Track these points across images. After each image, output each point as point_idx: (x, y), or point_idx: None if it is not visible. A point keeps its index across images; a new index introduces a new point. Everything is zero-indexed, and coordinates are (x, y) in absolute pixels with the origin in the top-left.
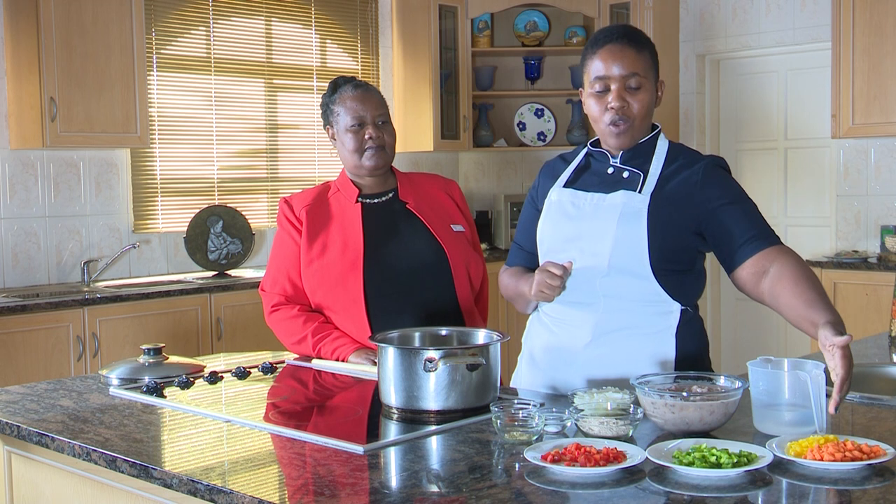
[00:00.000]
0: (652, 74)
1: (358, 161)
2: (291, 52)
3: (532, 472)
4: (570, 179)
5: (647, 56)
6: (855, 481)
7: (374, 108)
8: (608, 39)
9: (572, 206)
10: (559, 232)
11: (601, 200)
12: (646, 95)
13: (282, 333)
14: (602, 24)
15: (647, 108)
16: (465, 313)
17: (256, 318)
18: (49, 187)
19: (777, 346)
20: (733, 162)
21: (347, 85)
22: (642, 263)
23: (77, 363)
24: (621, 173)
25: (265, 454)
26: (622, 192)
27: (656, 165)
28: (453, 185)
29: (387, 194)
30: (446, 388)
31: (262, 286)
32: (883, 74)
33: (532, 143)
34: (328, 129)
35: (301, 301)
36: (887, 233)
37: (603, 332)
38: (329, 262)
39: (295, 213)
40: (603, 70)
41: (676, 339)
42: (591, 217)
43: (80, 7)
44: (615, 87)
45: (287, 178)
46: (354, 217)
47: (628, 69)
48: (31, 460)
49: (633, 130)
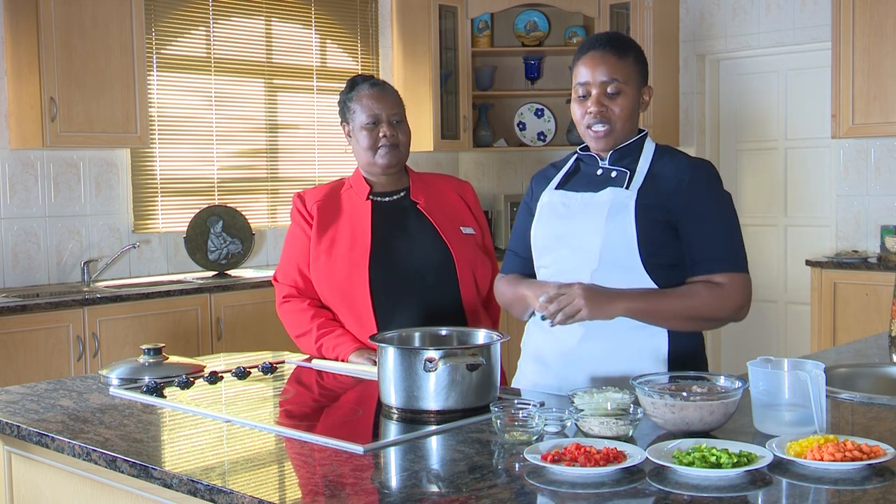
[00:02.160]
0: (635, 80)
1: (371, 159)
2: (291, 52)
3: (532, 472)
4: (561, 182)
5: (630, 62)
6: (855, 481)
7: (389, 107)
8: (591, 47)
9: (563, 206)
10: (551, 231)
11: (590, 199)
12: (626, 101)
13: (289, 325)
14: (602, 24)
15: (627, 113)
16: (469, 315)
17: (256, 318)
18: (49, 187)
19: (777, 346)
20: (733, 162)
21: (365, 83)
22: (632, 257)
23: (77, 363)
24: (609, 173)
25: (265, 454)
26: (610, 189)
27: (643, 164)
28: (467, 186)
29: (398, 193)
30: (446, 388)
31: (275, 276)
32: (883, 74)
33: (532, 143)
34: (344, 125)
35: (311, 294)
36: (887, 233)
37: (596, 327)
38: (336, 257)
39: (307, 207)
40: (584, 76)
41: (669, 333)
42: (581, 215)
43: (80, 7)
44: (595, 92)
45: (287, 178)
46: (364, 214)
47: (608, 75)
48: (31, 460)
49: (613, 134)
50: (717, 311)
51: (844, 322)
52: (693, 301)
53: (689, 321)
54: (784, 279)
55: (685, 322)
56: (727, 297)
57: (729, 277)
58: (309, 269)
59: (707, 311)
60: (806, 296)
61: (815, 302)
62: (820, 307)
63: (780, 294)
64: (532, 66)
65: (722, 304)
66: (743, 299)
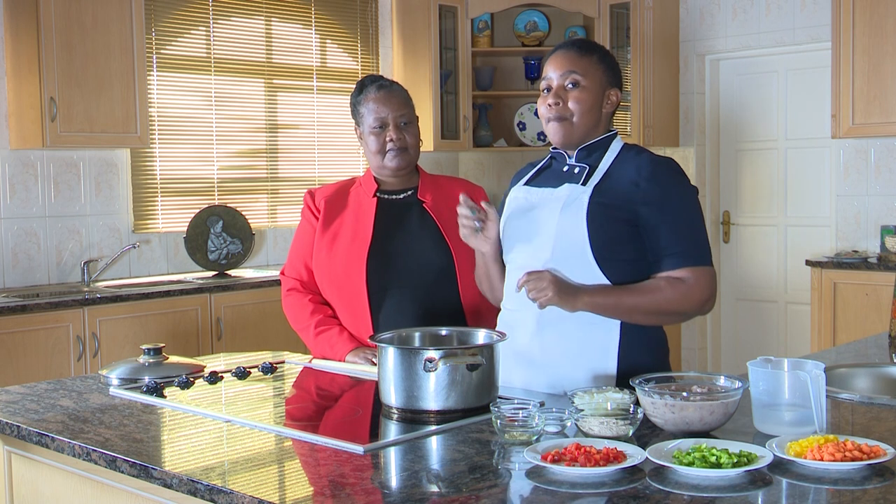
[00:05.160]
0: (597, 77)
1: (381, 162)
2: (291, 52)
3: (532, 472)
4: (531, 178)
5: (593, 60)
6: (855, 481)
7: (395, 109)
8: (557, 48)
9: (526, 200)
10: (513, 225)
11: (549, 194)
12: (584, 94)
13: (291, 318)
14: (602, 24)
15: (585, 107)
16: (469, 315)
17: (256, 318)
18: (49, 187)
19: (777, 346)
20: (733, 162)
21: (372, 85)
22: (583, 251)
23: (77, 363)
24: (573, 170)
25: (265, 454)
26: (567, 184)
27: (605, 161)
28: (479, 190)
29: (406, 192)
30: (446, 388)
31: (283, 270)
32: (883, 74)
33: (532, 143)
34: (356, 128)
35: (315, 289)
36: (887, 233)
37: (547, 321)
38: (337, 251)
39: (315, 203)
40: (547, 73)
41: (621, 328)
42: (539, 209)
43: (80, 7)
44: (554, 85)
45: (287, 178)
46: (369, 210)
47: (566, 68)
48: (31, 460)
49: (570, 127)
50: (681, 306)
51: (844, 322)
52: (656, 296)
53: (652, 316)
54: (784, 279)
55: (648, 317)
56: (691, 291)
57: (692, 272)
58: (313, 262)
59: (671, 306)
60: (806, 296)
61: (815, 302)
62: (820, 307)
63: (780, 294)
64: (532, 66)
65: (686, 298)
66: (707, 293)
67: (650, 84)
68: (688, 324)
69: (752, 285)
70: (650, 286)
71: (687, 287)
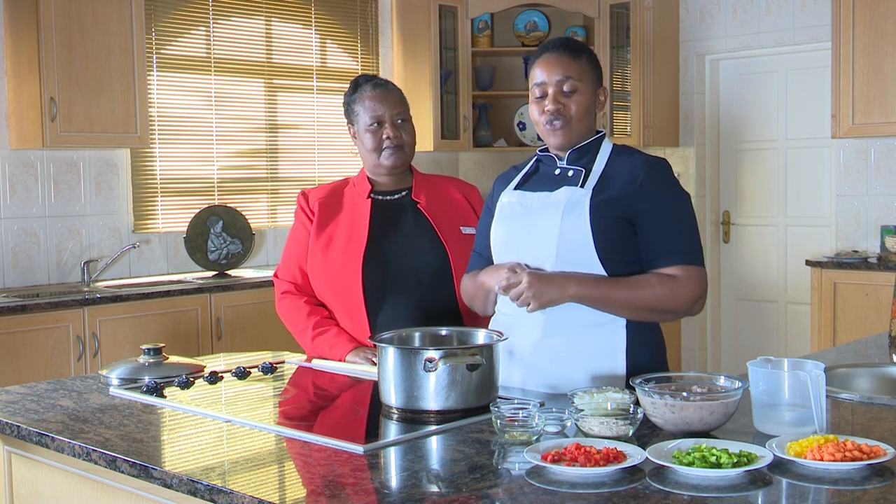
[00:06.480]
0: (590, 79)
1: (376, 160)
2: (291, 52)
3: (532, 472)
4: (520, 182)
5: (584, 63)
6: (855, 481)
7: (392, 107)
8: (546, 49)
9: (520, 206)
10: (509, 231)
11: (547, 198)
12: (581, 98)
13: (287, 321)
14: (602, 24)
15: (582, 110)
16: (465, 316)
17: (256, 318)
18: (49, 187)
19: (777, 346)
20: (733, 162)
21: (367, 84)
22: (589, 254)
23: (77, 363)
24: (566, 172)
25: (265, 454)
26: (565, 188)
27: (599, 163)
28: (474, 190)
29: (400, 192)
30: (446, 388)
31: (276, 273)
32: (883, 74)
33: (532, 143)
34: (349, 127)
35: (309, 291)
36: (887, 233)
37: (553, 326)
38: (332, 253)
39: (309, 204)
40: (540, 77)
41: (627, 331)
42: (538, 214)
43: (80, 7)
44: (551, 90)
45: (287, 178)
46: (363, 212)
47: (563, 74)
48: (31, 460)
49: (570, 129)
50: (670, 303)
51: (844, 322)
52: (646, 292)
53: (641, 311)
54: (784, 279)
55: (638, 312)
56: (681, 289)
57: (683, 270)
58: (307, 265)
59: (660, 303)
60: (806, 296)
61: (815, 302)
62: (820, 307)
63: (780, 294)
64: None
65: (676, 296)
66: (698, 292)
67: (650, 84)
68: (688, 324)
69: (752, 285)
70: (641, 281)
71: (678, 285)
